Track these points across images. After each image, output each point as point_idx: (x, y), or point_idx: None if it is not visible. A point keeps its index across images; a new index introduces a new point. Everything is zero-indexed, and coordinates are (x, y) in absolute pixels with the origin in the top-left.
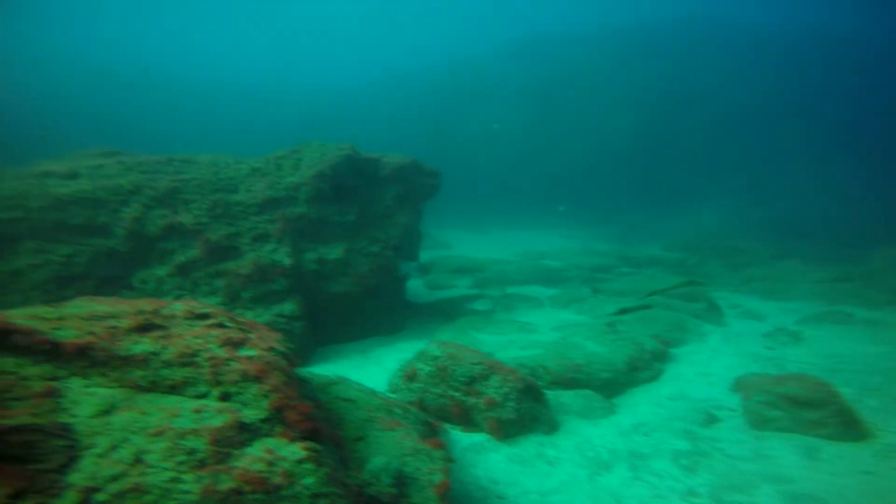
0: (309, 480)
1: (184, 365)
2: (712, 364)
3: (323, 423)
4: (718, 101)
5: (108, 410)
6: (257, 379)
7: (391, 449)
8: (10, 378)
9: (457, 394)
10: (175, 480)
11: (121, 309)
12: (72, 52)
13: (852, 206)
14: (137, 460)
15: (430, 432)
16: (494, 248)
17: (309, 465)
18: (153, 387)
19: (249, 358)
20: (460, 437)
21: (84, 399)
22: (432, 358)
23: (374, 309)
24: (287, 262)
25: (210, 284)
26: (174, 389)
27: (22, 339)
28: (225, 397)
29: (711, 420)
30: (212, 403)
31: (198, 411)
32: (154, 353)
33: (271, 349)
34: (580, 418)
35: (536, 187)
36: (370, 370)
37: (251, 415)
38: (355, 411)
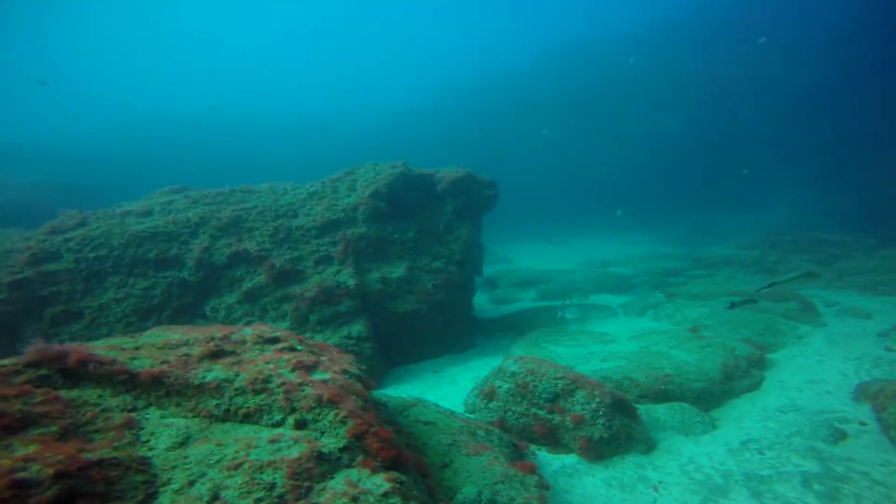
0: None
1: (257, 392)
2: (822, 369)
3: (406, 450)
4: (778, 87)
5: (184, 442)
6: (333, 404)
7: (480, 476)
8: (93, 409)
9: (541, 412)
10: None
11: (193, 336)
12: (140, 101)
13: None
14: (215, 496)
15: (517, 455)
16: (556, 258)
17: (395, 499)
18: (227, 416)
19: (323, 382)
20: (548, 460)
21: (161, 430)
22: (510, 375)
23: (443, 326)
24: (351, 282)
25: (277, 309)
26: (248, 418)
27: (102, 370)
28: (301, 425)
29: (839, 436)
30: (287, 432)
31: (273, 441)
32: (227, 381)
33: (345, 372)
34: (679, 434)
35: (591, 195)
36: (445, 390)
37: (330, 443)
38: (437, 435)
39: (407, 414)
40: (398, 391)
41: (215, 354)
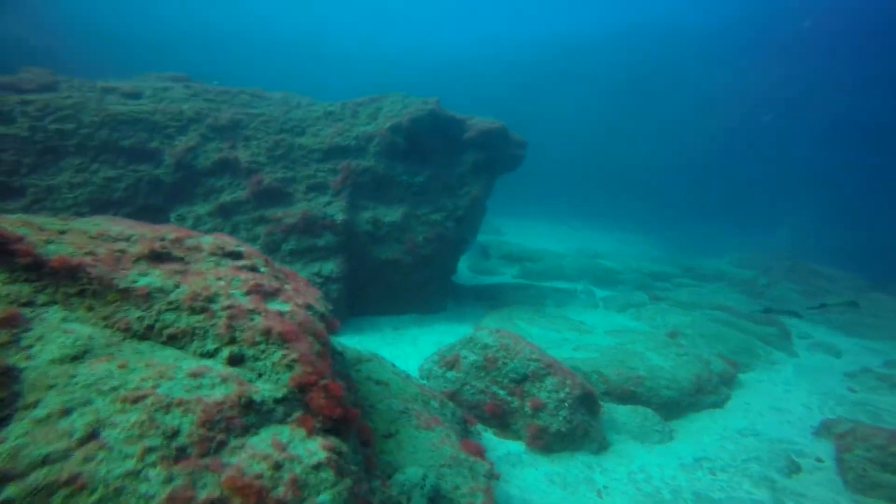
0: (324, 498)
1: (194, 311)
2: (787, 399)
3: (352, 411)
4: (816, 109)
5: (78, 356)
6: (283, 342)
7: (427, 454)
8: None
9: (501, 391)
10: (134, 477)
11: (139, 232)
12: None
13: None
14: (91, 435)
15: (465, 432)
16: (546, 239)
17: (327, 474)
18: (149, 333)
19: (279, 314)
20: (494, 443)
21: (54, 337)
22: (482, 346)
23: (421, 282)
24: (339, 216)
25: (250, 230)
26: (174, 340)
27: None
28: (236, 360)
29: (794, 468)
30: (217, 367)
31: (195, 375)
32: (161, 290)
33: (308, 307)
34: (634, 440)
35: (602, 184)
36: (402, 349)
37: (265, 390)
38: (389, 399)
39: (359, 369)
40: (354, 342)
41: (158, 257)
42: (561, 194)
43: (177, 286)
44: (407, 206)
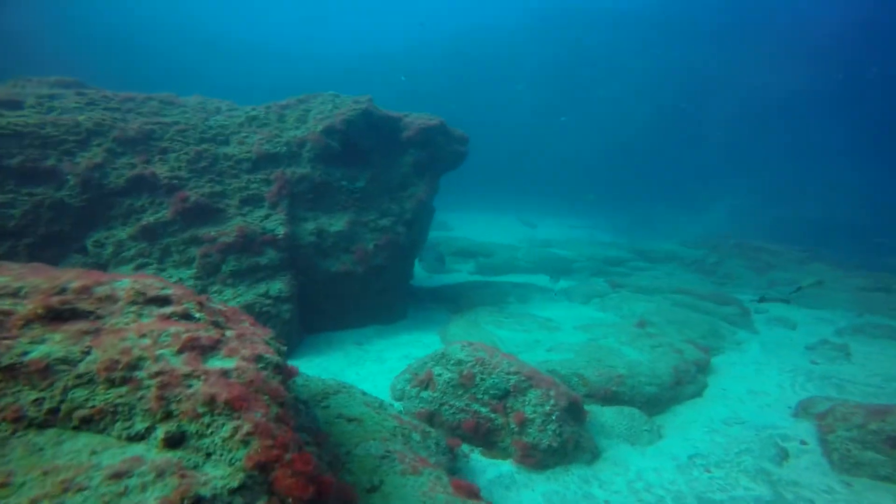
0: None
1: (113, 383)
2: (760, 380)
3: (327, 473)
4: (746, 93)
5: None
6: (233, 410)
7: None
8: None
9: (483, 409)
10: None
11: (31, 283)
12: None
13: (877, 211)
14: None
15: (452, 462)
16: (496, 232)
17: None
18: (52, 419)
19: (224, 374)
20: (483, 465)
21: None
22: (455, 363)
23: (377, 293)
24: (280, 231)
25: (183, 253)
26: (90, 424)
27: None
28: (176, 441)
29: (783, 456)
30: (151, 454)
31: (120, 475)
32: (65, 361)
33: (258, 358)
34: (625, 443)
35: (542, 172)
36: (369, 368)
37: (217, 478)
38: (365, 440)
39: (327, 405)
40: (316, 365)
41: (58, 315)
42: (503, 185)
43: (86, 353)
44: (352, 214)
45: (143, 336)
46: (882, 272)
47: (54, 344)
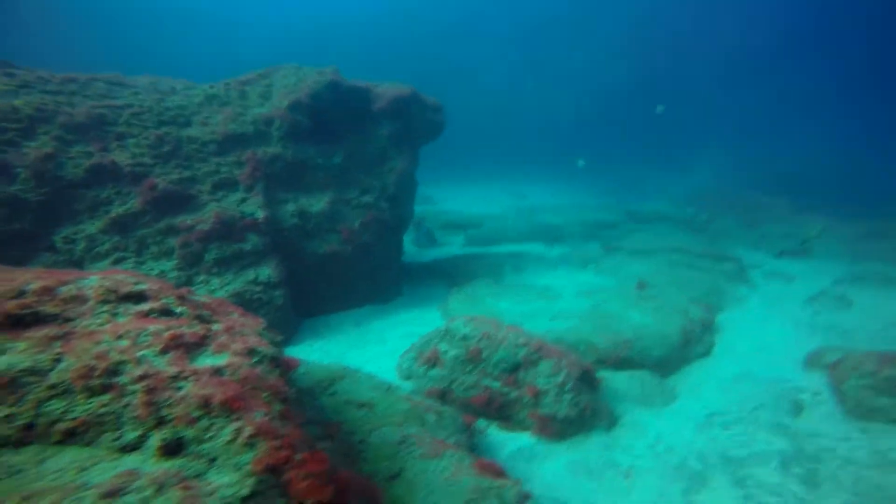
0: None
1: (93, 391)
2: (765, 334)
3: (344, 469)
4: (722, 45)
5: None
6: (231, 411)
7: (445, 493)
8: None
9: (495, 384)
10: None
11: None
12: None
13: (861, 161)
14: None
15: (470, 439)
16: (481, 201)
17: None
18: (29, 436)
19: (216, 372)
20: (502, 440)
21: None
22: (461, 338)
23: (368, 272)
24: (259, 214)
25: (161, 244)
26: (74, 437)
27: None
28: (174, 449)
29: (799, 408)
30: (148, 465)
31: (113, 494)
32: (33, 371)
33: (251, 352)
34: (640, 406)
35: (522, 137)
36: (372, 349)
37: (225, 486)
38: (379, 426)
39: (334, 391)
40: (316, 349)
41: (19, 321)
42: (485, 155)
43: (57, 361)
44: (332, 192)
45: (120, 337)
46: (874, 220)
47: (18, 353)
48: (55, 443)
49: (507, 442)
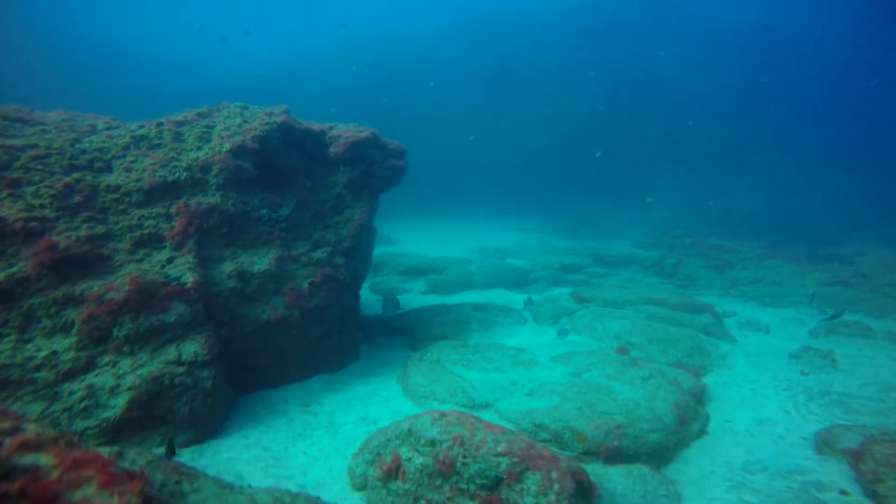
0: None
1: None
2: (760, 403)
3: None
4: (676, 91)
5: None
6: None
7: None
8: None
9: (471, 503)
10: None
11: None
12: None
13: (814, 200)
14: None
15: None
16: (443, 243)
17: None
18: None
19: None
20: None
21: None
22: (428, 443)
23: (319, 338)
24: (189, 277)
25: (56, 317)
26: None
27: None
28: None
29: None
30: None
31: None
32: None
33: None
34: None
35: (483, 176)
36: (320, 443)
37: None
38: None
39: None
40: (252, 444)
41: None
42: (445, 191)
43: None
44: (278, 248)
45: None
46: (833, 263)
47: None
48: None
49: None
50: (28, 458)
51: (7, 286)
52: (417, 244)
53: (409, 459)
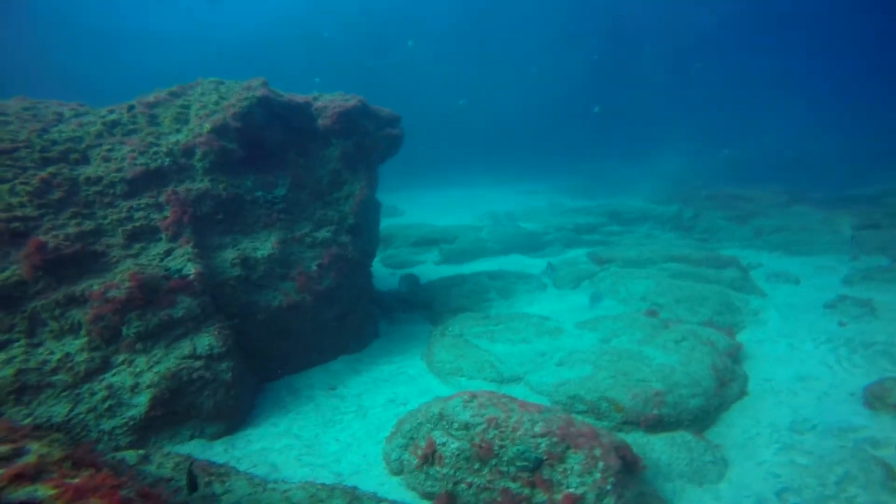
0: None
1: None
2: (800, 359)
3: None
4: (678, 32)
5: None
6: None
7: None
8: None
9: (513, 485)
10: None
11: None
12: None
13: (831, 142)
14: None
15: None
16: (451, 211)
17: None
18: None
19: None
20: None
21: None
22: (461, 426)
23: (336, 319)
24: (190, 269)
25: (61, 319)
26: None
27: None
28: None
29: (891, 476)
30: None
31: None
32: None
33: None
34: (692, 485)
35: (484, 140)
36: (351, 428)
37: None
38: None
39: None
40: (282, 432)
41: None
42: (448, 156)
43: None
44: (280, 231)
45: None
46: (861, 205)
47: None
48: None
49: None
50: (24, 492)
51: (4, 291)
52: (425, 214)
53: (444, 444)
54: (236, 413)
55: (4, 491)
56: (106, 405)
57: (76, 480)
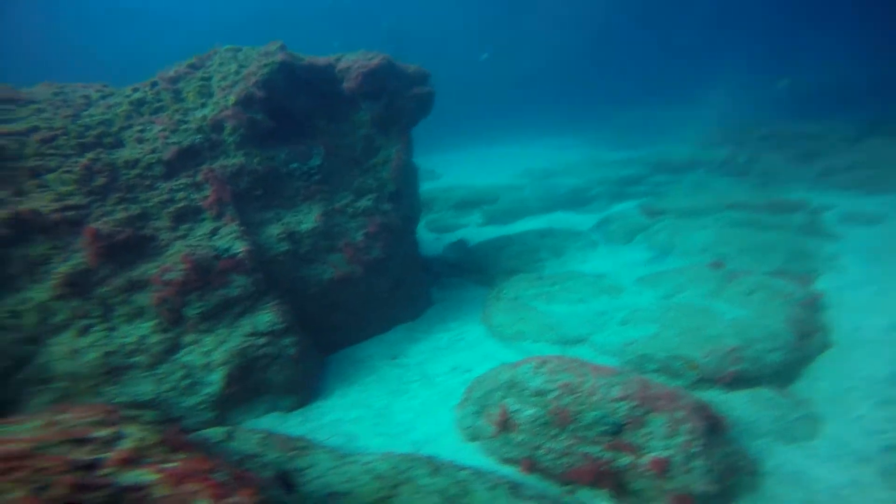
0: None
1: None
2: (890, 307)
3: None
4: None
5: None
6: None
7: None
8: None
9: (594, 449)
10: None
11: None
12: None
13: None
14: None
15: None
16: (488, 170)
17: None
18: None
19: None
20: None
21: None
22: (534, 393)
23: (390, 290)
24: (238, 247)
25: (128, 303)
26: None
27: None
28: None
29: None
30: None
31: None
32: None
33: None
34: (781, 442)
35: (512, 95)
36: (418, 397)
37: None
38: None
39: None
40: (351, 403)
41: None
42: (478, 112)
43: None
44: (320, 203)
45: None
46: None
47: None
48: None
49: None
50: (130, 476)
51: (77, 277)
52: (461, 175)
53: (518, 411)
54: (306, 386)
55: (113, 476)
56: (184, 384)
57: (174, 465)
